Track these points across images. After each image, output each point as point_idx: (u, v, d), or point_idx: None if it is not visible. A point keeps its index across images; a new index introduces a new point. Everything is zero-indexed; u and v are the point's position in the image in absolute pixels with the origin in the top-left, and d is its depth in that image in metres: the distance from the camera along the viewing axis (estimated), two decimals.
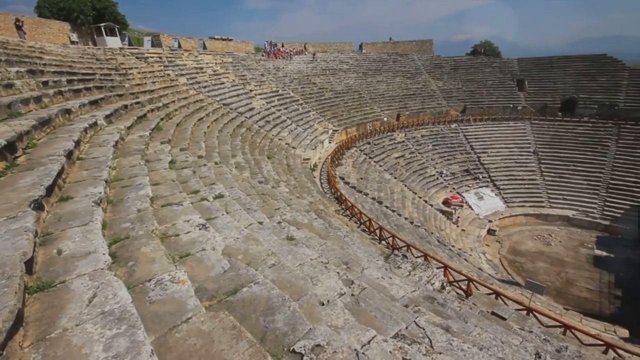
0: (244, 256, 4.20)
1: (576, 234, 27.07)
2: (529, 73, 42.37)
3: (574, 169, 31.89)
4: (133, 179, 5.85)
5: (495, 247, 25.73)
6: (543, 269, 22.97)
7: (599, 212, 28.48)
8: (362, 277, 5.71)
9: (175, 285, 2.89)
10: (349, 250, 8.34)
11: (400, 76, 42.45)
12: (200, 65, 25.74)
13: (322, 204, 14.31)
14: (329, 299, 3.39)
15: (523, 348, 4.79)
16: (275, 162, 17.63)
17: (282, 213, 9.54)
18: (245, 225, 6.17)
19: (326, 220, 11.44)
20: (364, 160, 28.08)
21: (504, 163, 33.96)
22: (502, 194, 31.35)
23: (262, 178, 13.11)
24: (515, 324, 7.26)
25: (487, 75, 43.80)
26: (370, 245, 11.71)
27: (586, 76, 38.95)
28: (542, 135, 35.63)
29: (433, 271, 9.16)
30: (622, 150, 31.62)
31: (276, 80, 32.13)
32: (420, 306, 5.09)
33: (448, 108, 39.77)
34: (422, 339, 3.47)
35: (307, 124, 27.66)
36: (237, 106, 22.67)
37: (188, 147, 10.94)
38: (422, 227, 21.47)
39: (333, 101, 34.03)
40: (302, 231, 8.07)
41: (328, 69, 39.13)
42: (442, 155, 34.07)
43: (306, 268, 4.37)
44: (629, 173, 29.90)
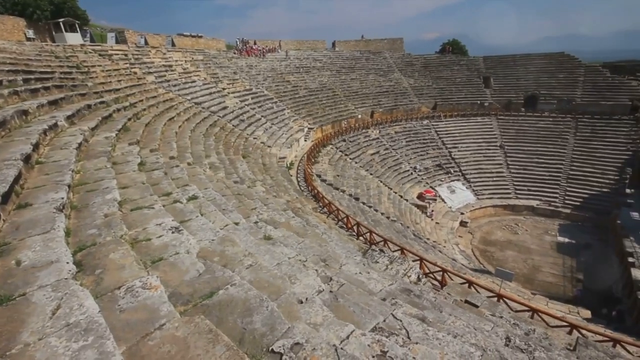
0: (220, 258, 4.12)
1: (541, 223, 28.64)
2: (494, 71, 44.20)
3: (537, 161, 33.69)
4: (99, 183, 5.57)
5: (468, 238, 26.76)
6: (512, 257, 24.15)
7: (560, 201, 30.28)
8: (341, 274, 5.76)
9: (147, 292, 2.78)
10: (327, 248, 8.39)
11: (373, 74, 43.02)
12: (169, 63, 24.87)
13: (299, 202, 14.29)
14: (307, 297, 3.39)
15: (494, 333, 5.02)
16: (250, 161, 17.38)
17: (259, 213, 9.44)
18: (220, 226, 6.05)
19: (304, 219, 11.44)
20: (340, 158, 28.29)
21: (474, 157, 35.31)
22: (473, 187, 32.61)
23: (238, 178, 12.90)
24: (487, 311, 7.59)
25: (456, 72, 45.27)
26: (348, 242, 11.84)
27: (546, 73, 41.15)
28: (507, 130, 37.35)
29: (409, 264, 9.38)
30: (580, 143, 33.74)
31: (249, 78, 31.64)
32: (398, 299, 5.20)
33: (420, 105, 40.78)
34: (399, 330, 3.55)
35: (282, 122, 27.46)
36: (209, 105, 22.12)
37: (158, 147, 10.56)
38: (398, 222, 21.94)
39: (308, 99, 33.99)
40: (280, 230, 8.02)
41: (302, 67, 39.01)
42: (415, 150, 34.93)
43: (284, 267, 4.35)
44: (586, 164, 31.97)
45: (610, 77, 37.65)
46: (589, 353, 5.92)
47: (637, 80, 36.38)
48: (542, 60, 42.77)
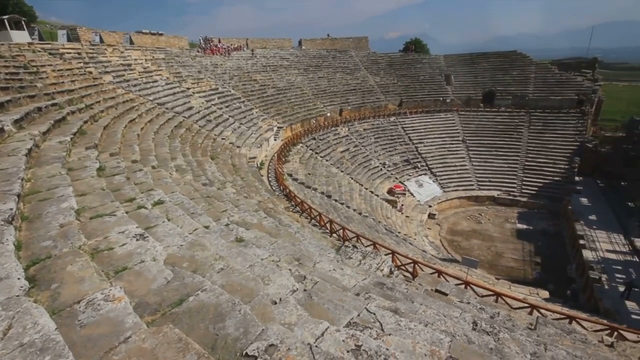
0: (189, 264, 3.98)
1: (501, 212, 30.38)
2: (454, 69, 46.13)
3: (496, 154, 35.66)
4: (53, 191, 5.20)
5: (436, 230, 27.83)
6: (477, 245, 25.43)
7: (518, 190, 32.26)
8: (315, 272, 5.78)
9: (110, 304, 2.63)
10: (301, 246, 8.38)
11: (340, 72, 43.41)
12: (127, 62, 23.62)
13: (271, 202, 14.15)
14: (281, 297, 3.37)
15: (462, 319, 5.26)
16: (219, 162, 16.96)
17: (229, 215, 9.25)
18: (189, 230, 5.85)
19: (276, 219, 11.35)
20: (311, 156, 28.33)
21: (439, 152, 36.73)
22: (439, 180, 33.93)
23: (207, 180, 12.54)
24: (456, 298, 7.94)
25: (419, 70, 46.75)
26: (322, 239, 11.91)
27: (501, 71, 43.59)
28: (468, 125, 39.20)
29: (382, 258, 9.60)
30: (533, 135, 36.11)
31: (215, 77, 30.81)
32: (371, 293, 5.30)
33: (386, 102, 41.71)
34: (373, 323, 3.62)
35: (250, 121, 27.02)
36: (173, 105, 21.29)
37: (119, 151, 10.03)
38: (370, 217, 22.35)
39: (276, 98, 33.68)
40: (252, 231, 7.91)
41: (269, 66, 38.57)
42: (384, 147, 35.72)
43: (257, 269, 4.29)
44: (539, 155, 34.28)
45: (559, 74, 40.56)
46: (547, 330, 6.36)
47: (582, 76, 39.49)
48: (497, 58, 45.24)
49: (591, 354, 5.30)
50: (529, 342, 4.69)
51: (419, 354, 2.88)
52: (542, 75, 41.08)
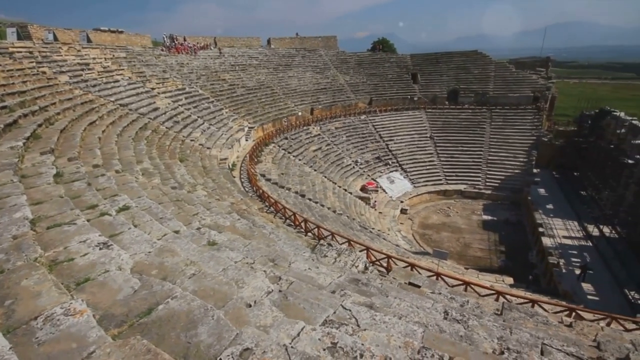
0: (158, 271, 3.83)
1: (468, 204, 31.76)
2: (420, 67, 47.55)
3: (462, 149, 37.22)
4: (4, 200, 4.81)
5: (408, 224, 28.62)
6: (447, 237, 26.43)
7: (482, 183, 33.88)
8: (290, 272, 5.76)
9: (71, 319, 2.48)
10: (276, 247, 8.32)
11: (310, 71, 43.44)
12: (85, 61, 22.27)
13: (244, 204, 13.93)
14: (256, 300, 3.33)
15: (434, 309, 5.45)
16: (189, 164, 16.44)
17: (201, 218, 9.01)
18: (158, 236, 5.63)
19: (250, 220, 11.20)
20: (283, 156, 28.16)
21: (408, 148, 37.77)
22: (409, 176, 34.90)
23: (176, 183, 12.12)
24: (428, 289, 8.21)
25: (387, 69, 47.75)
26: (297, 239, 11.88)
27: (464, 69, 45.50)
28: (435, 122, 40.62)
29: (356, 254, 9.74)
30: (495, 131, 38.05)
31: (181, 77, 29.78)
32: (346, 289, 5.37)
33: (356, 101, 42.27)
34: (349, 320, 3.67)
35: (220, 122, 26.39)
36: (137, 106, 20.35)
37: (78, 156, 9.46)
38: (344, 215, 22.58)
39: (246, 98, 33.12)
40: (225, 234, 7.75)
41: (237, 65, 37.84)
42: (355, 145, 36.19)
43: (230, 272, 4.21)
44: (501, 149, 36.18)
45: (516, 72, 42.94)
46: (512, 315, 6.73)
47: (537, 74, 42.07)
48: (460, 57, 47.16)
49: (552, 334, 5.67)
50: (495, 327, 4.94)
51: (393, 346, 2.95)
52: (501, 74, 43.33)
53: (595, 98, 41.47)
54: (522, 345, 4.34)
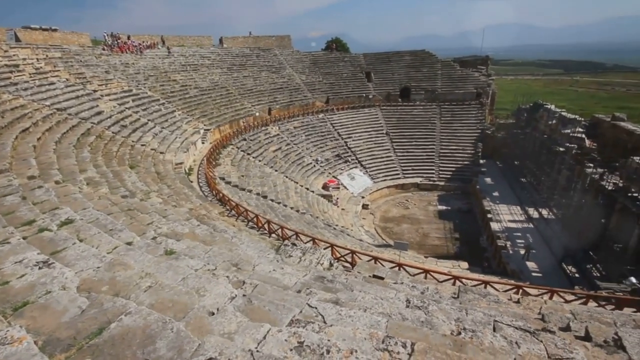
0: (109, 287, 3.57)
1: (425, 196, 33.39)
2: (374, 66, 48.99)
3: (416, 144, 39.02)
4: None
5: (370, 219, 29.42)
6: (407, 229, 27.57)
7: (436, 175, 35.80)
8: (254, 275, 5.66)
9: (9, 347, 2.23)
10: (239, 251, 8.14)
11: (265, 71, 42.88)
12: (14, 62, 20.03)
13: (204, 209, 13.43)
14: (219, 307, 3.23)
15: (397, 299, 5.67)
16: (141, 171, 15.48)
17: (156, 227, 8.55)
18: (108, 250, 5.25)
19: (210, 225, 10.84)
20: (243, 157, 27.55)
21: (366, 145, 38.79)
22: (369, 172, 35.88)
23: (126, 192, 11.37)
24: (391, 280, 8.52)
25: (342, 68, 48.56)
26: (260, 241, 11.70)
27: (413, 68, 47.67)
28: (390, 119, 42.14)
29: (321, 252, 9.81)
30: (444, 126, 40.37)
31: (127, 78, 27.90)
32: (312, 288, 5.39)
33: (313, 100, 42.51)
34: (315, 317, 3.69)
35: (173, 125, 25.14)
36: (78, 110, 18.74)
37: (10, 167, 8.53)
38: (307, 214, 22.64)
39: (200, 99, 31.87)
40: (184, 242, 7.43)
41: (189, 65, 36.26)
42: (315, 143, 36.42)
43: (191, 281, 4.04)
44: (451, 143, 38.48)
45: (460, 70, 45.83)
46: (468, 297, 7.20)
47: (478, 72, 45.25)
48: (409, 56, 49.33)
49: (503, 311, 6.16)
50: (453, 310, 5.25)
51: (359, 338, 3.02)
52: (447, 72, 46.00)
53: (529, 93, 45.52)
54: (477, 324, 4.67)
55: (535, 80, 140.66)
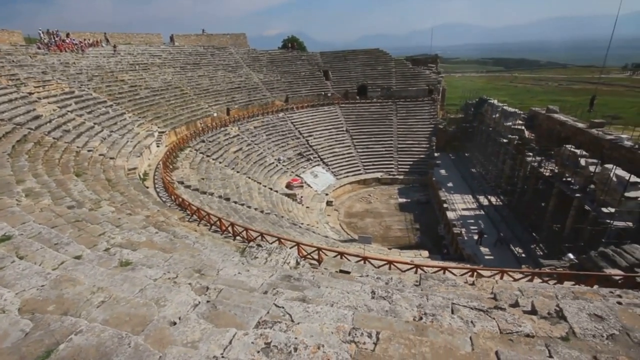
0: (56, 306, 3.30)
1: (386, 190, 34.51)
2: (331, 65, 49.55)
3: (375, 140, 40.18)
4: None
5: (335, 215, 29.83)
6: (370, 223, 28.33)
7: (395, 170, 37.15)
8: (219, 280, 5.53)
9: None
10: (201, 256, 7.89)
11: (221, 70, 41.65)
12: None
13: (162, 215, 12.81)
14: (181, 316, 3.12)
15: (363, 291, 5.83)
16: (88, 179, 14.39)
17: (109, 237, 8.03)
18: (53, 266, 4.83)
19: (170, 232, 10.38)
20: (202, 160, 26.57)
21: (327, 143, 39.21)
22: (331, 169, 36.32)
23: (73, 202, 10.53)
24: (357, 274, 8.72)
25: (299, 67, 48.55)
26: (225, 245, 11.43)
27: (369, 66, 48.92)
28: (349, 116, 42.96)
29: (287, 251, 9.80)
30: (401, 121, 41.97)
31: (68, 78, 25.68)
32: (279, 287, 5.38)
33: (273, 99, 42.09)
34: (282, 317, 3.70)
35: (124, 128, 23.59)
36: (11, 115, 16.94)
37: None
38: (272, 214, 22.43)
39: (152, 100, 30.18)
40: (141, 251, 7.06)
41: (137, 64, 34.18)
42: (276, 143, 36.11)
43: (149, 291, 3.85)
44: (407, 138, 40.10)
45: (412, 68, 47.83)
46: (428, 283, 7.58)
47: (429, 70, 47.55)
48: (364, 55, 50.57)
49: (459, 294, 6.57)
50: (415, 297, 5.52)
51: (326, 333, 3.08)
52: (401, 70, 47.79)
53: (475, 89, 48.85)
54: (437, 308, 4.95)
55: (480, 77, 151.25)
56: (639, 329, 4.29)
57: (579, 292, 6.45)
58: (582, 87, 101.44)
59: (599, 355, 3.70)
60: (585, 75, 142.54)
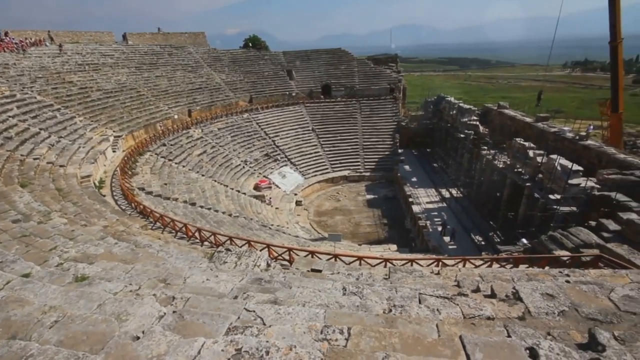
0: (3, 330, 3.01)
1: (353, 187, 35.09)
2: (294, 64, 49.45)
3: (341, 138, 40.71)
4: None
5: (305, 215, 29.84)
6: (340, 221, 28.67)
7: (362, 167, 37.89)
8: (186, 288, 5.33)
9: None
10: (166, 265, 7.56)
11: (180, 70, 40.06)
12: None
13: (121, 225, 12.13)
14: (144, 329, 2.97)
15: (334, 288, 5.89)
16: (36, 189, 13.29)
17: (62, 251, 7.48)
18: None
19: (131, 242, 9.86)
20: (164, 164, 25.42)
21: (294, 142, 39.11)
22: (299, 169, 36.28)
23: (18, 215, 9.68)
24: (328, 272, 8.80)
25: (262, 66, 47.95)
26: (192, 251, 11.04)
27: (332, 66, 49.45)
28: (315, 115, 43.14)
29: (257, 254, 9.67)
30: (365, 120, 42.86)
31: (8, 80, 23.44)
32: (249, 291, 5.30)
33: (236, 99, 41.22)
34: (254, 321, 3.65)
35: (74, 133, 21.97)
36: None
37: None
38: (241, 217, 22.00)
39: (105, 102, 28.36)
40: (99, 264, 6.64)
41: (87, 64, 31.94)
42: (242, 144, 35.43)
43: (109, 306, 3.63)
44: (372, 135, 41.04)
45: (374, 67, 48.97)
46: (397, 276, 7.82)
47: (390, 69, 48.96)
48: (327, 55, 51.05)
49: (426, 284, 6.84)
50: (384, 290, 5.67)
51: (298, 333, 3.08)
52: (363, 69, 48.78)
53: (433, 87, 51.05)
54: (405, 300, 5.12)
55: (437, 76, 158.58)
56: (585, 304, 4.72)
57: (532, 274, 6.96)
58: (529, 84, 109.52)
59: (552, 331, 4.02)
60: (530, 73, 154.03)
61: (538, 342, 3.17)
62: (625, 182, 15.83)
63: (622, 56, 25.45)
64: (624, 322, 4.29)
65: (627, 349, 3.28)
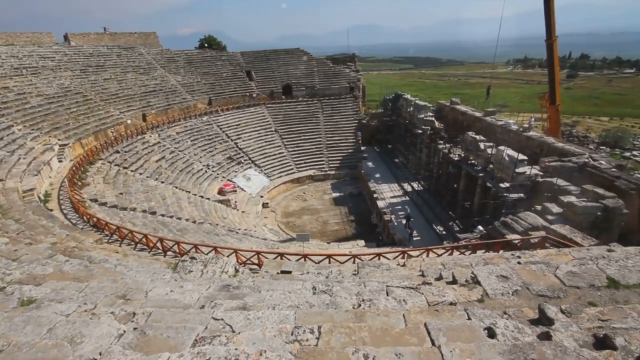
0: None
1: (319, 186, 35.31)
2: (253, 65, 48.66)
3: (304, 138, 40.75)
4: None
5: (272, 217, 29.53)
6: (308, 220, 28.72)
7: (327, 165, 38.22)
8: (147, 302, 5.07)
9: None
10: (126, 280, 7.15)
11: (132, 72, 37.84)
12: None
13: (72, 240, 11.26)
14: (102, 351, 2.79)
15: (304, 288, 5.91)
16: None
17: (3, 274, 6.81)
18: None
19: (84, 258, 9.21)
20: (118, 172, 23.87)
21: (257, 144, 38.52)
22: (264, 171, 35.81)
23: None
24: (298, 272, 8.80)
25: (220, 68, 46.65)
26: (153, 263, 10.54)
27: (292, 66, 49.30)
28: (277, 116, 42.78)
29: (224, 260, 9.43)
30: (327, 119, 43.26)
31: None
32: (217, 299, 5.16)
33: (194, 102, 39.78)
34: (222, 329, 3.56)
35: (13, 143, 20.01)
36: None
37: None
38: (206, 223, 21.31)
39: (47, 108, 26.05)
40: (47, 285, 6.13)
41: (24, 67, 29.15)
42: (203, 148, 34.27)
43: (60, 330, 3.36)
44: (335, 134, 41.54)
45: (333, 67, 49.56)
46: (365, 270, 8.00)
47: (348, 68, 49.84)
48: (286, 55, 50.83)
49: (393, 276, 7.07)
50: (353, 286, 5.78)
51: (269, 337, 3.06)
52: (322, 69, 49.18)
53: (391, 85, 52.66)
54: (373, 293, 5.26)
55: (394, 74, 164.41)
56: (535, 283, 5.14)
57: (488, 258, 7.44)
58: (477, 81, 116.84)
59: (508, 310, 4.34)
60: (478, 70, 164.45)
61: (495, 322, 3.41)
62: (564, 169, 17.41)
63: (557, 53, 27.89)
64: (569, 296, 4.74)
65: (572, 321, 3.63)
